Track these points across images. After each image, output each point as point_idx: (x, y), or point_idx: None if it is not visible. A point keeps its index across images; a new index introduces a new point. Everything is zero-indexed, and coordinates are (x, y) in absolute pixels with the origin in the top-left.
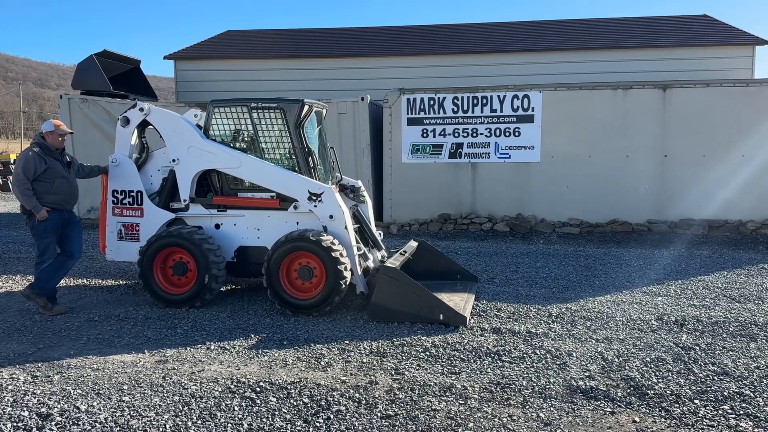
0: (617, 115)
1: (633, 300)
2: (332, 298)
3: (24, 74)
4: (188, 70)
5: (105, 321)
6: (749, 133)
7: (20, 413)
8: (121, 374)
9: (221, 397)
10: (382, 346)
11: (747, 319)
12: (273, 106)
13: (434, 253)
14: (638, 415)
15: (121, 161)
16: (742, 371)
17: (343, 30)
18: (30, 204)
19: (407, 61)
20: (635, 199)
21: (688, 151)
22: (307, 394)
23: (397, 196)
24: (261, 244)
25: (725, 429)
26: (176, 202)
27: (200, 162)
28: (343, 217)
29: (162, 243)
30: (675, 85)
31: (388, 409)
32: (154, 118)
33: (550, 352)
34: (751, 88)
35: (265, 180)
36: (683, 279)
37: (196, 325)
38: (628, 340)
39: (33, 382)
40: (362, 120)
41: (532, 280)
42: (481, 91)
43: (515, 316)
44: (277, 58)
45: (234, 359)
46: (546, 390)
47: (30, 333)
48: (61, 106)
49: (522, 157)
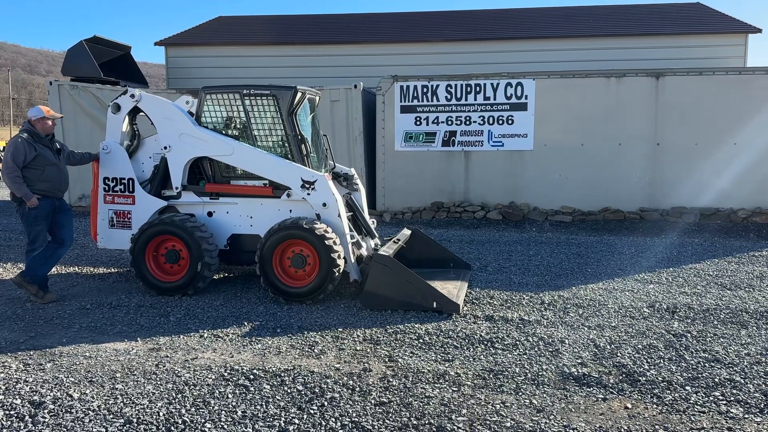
0: (610, 104)
1: (625, 288)
2: (325, 286)
3: (13, 60)
4: (179, 56)
5: (97, 309)
6: (742, 122)
7: (12, 401)
8: (114, 362)
9: (215, 384)
10: (376, 333)
11: (738, 307)
12: (265, 93)
13: (427, 241)
14: (630, 402)
15: (112, 148)
16: (732, 358)
17: (336, 16)
18: (20, 192)
19: (401, 48)
20: (628, 187)
21: (681, 139)
22: (301, 382)
23: (390, 184)
24: (254, 232)
25: (716, 415)
26: (168, 189)
27: (192, 149)
28: (336, 205)
29: (154, 231)
30: (668, 73)
31: (382, 396)
32: (145, 104)
33: (543, 340)
34: (743, 77)
35: (257, 167)
36: (675, 267)
37: (189, 313)
38: (620, 327)
39: (25, 370)
40: (355, 107)
41: (524, 268)
42: (474, 78)
43: (508, 303)
44: (269, 44)
45: (227, 347)
46: (539, 377)
47: (22, 321)
48: (50, 93)
49: (515, 145)
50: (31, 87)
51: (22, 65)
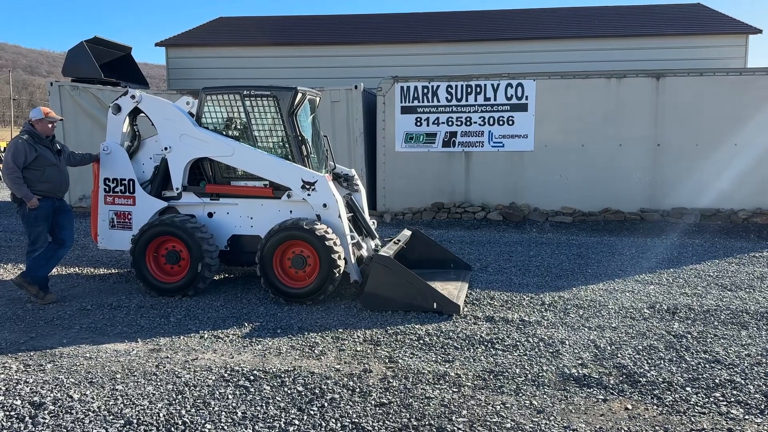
0: (611, 104)
1: (625, 288)
2: (326, 286)
3: (14, 61)
4: (180, 57)
5: (97, 310)
6: (742, 123)
7: (12, 402)
8: (114, 363)
9: (215, 385)
10: (376, 334)
11: (738, 308)
12: (266, 93)
13: (428, 242)
14: (630, 403)
15: (112, 149)
16: (733, 359)
17: (336, 17)
18: (21, 192)
19: (401, 49)
20: (628, 188)
21: (681, 140)
22: (301, 383)
23: (391, 185)
24: (254, 232)
25: (717, 416)
26: (168, 190)
27: (193, 150)
28: (336, 205)
29: (154, 231)
30: (668, 74)
31: (382, 397)
32: (145, 105)
33: (543, 340)
34: (744, 77)
35: (257, 168)
36: (675, 267)
37: (190, 313)
38: (620, 328)
39: (25, 370)
40: (356, 108)
41: (525, 269)
42: (474, 79)
43: (508, 304)
44: (269, 45)
45: (227, 348)
46: (539, 378)
47: (22, 322)
48: (51, 94)
49: (515, 145)
50: (32, 88)
51: (23, 66)
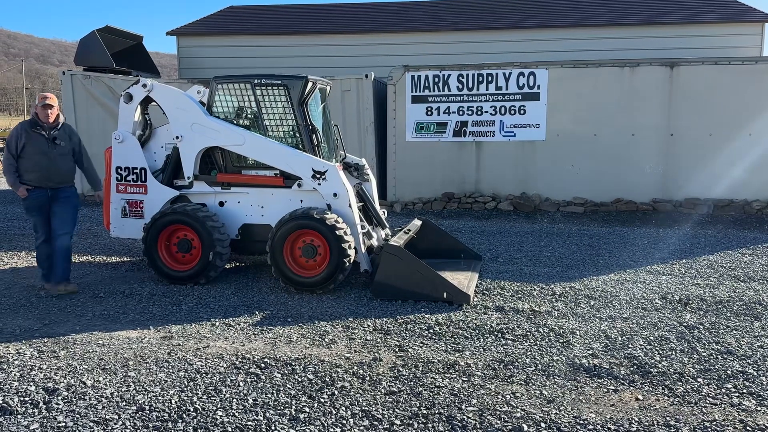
0: (623, 93)
1: (637, 279)
2: (336, 276)
3: (26, 50)
4: (191, 46)
5: (110, 297)
6: (757, 112)
7: (27, 388)
8: (127, 350)
9: (226, 372)
10: (386, 323)
11: (751, 299)
12: (277, 82)
13: (438, 232)
14: (641, 393)
15: (124, 138)
16: (745, 350)
17: (347, 6)
18: (9, 181)
19: (412, 38)
20: (640, 178)
21: (695, 130)
22: (312, 371)
23: (401, 175)
24: (265, 221)
25: (728, 407)
26: (180, 179)
27: (204, 139)
28: (347, 195)
29: (166, 220)
30: (682, 62)
31: (392, 385)
32: (157, 94)
33: (554, 331)
34: (759, 66)
35: (268, 157)
36: (688, 258)
37: (201, 301)
38: (631, 318)
39: (39, 357)
40: (366, 97)
41: (535, 259)
42: (486, 68)
43: (519, 294)
44: (280, 34)
45: (239, 336)
46: (549, 368)
47: (36, 309)
48: (63, 83)
49: (527, 135)
50: (45, 77)
51: (36, 55)
